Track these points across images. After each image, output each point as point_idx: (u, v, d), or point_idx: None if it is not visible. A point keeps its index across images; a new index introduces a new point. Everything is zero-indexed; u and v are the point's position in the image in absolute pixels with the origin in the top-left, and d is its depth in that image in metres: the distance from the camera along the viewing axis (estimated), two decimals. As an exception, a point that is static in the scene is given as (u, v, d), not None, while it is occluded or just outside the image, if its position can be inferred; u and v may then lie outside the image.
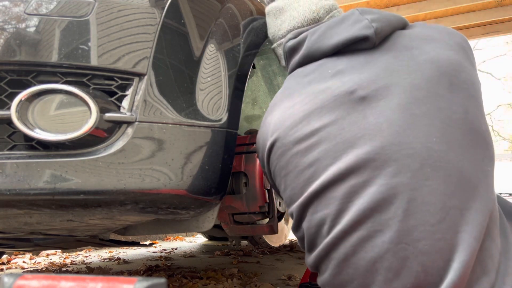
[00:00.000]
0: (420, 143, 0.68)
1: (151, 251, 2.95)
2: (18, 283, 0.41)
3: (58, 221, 0.91)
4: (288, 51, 0.91)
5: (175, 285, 1.61)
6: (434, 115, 0.70)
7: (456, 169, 0.67)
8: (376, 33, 0.78)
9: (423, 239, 0.65)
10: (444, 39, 0.79)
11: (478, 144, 0.70)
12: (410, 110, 0.70)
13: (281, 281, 1.78)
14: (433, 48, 0.76)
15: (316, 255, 0.76)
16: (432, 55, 0.75)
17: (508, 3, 4.12)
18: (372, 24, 0.78)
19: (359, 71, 0.76)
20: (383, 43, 0.80)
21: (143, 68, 0.82)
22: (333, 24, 0.83)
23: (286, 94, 0.85)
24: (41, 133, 0.76)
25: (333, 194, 0.71)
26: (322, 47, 0.83)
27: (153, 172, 0.81)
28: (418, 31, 0.81)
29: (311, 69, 0.84)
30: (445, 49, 0.77)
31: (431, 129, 0.69)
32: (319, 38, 0.84)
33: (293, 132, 0.77)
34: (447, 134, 0.69)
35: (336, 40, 0.81)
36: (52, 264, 2.34)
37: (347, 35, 0.79)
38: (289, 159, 0.77)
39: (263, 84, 1.68)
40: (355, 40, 0.79)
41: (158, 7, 0.86)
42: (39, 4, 0.80)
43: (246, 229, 1.18)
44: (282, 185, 0.82)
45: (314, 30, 0.86)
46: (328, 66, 0.81)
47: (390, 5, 4.07)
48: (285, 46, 0.92)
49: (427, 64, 0.74)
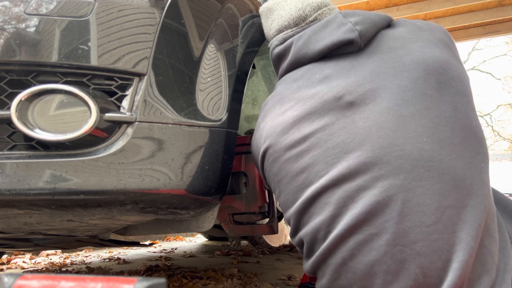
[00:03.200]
0: (410, 144, 0.68)
1: (151, 251, 2.95)
2: (18, 283, 0.41)
3: (58, 221, 0.91)
4: (275, 58, 0.92)
5: (175, 285, 1.61)
6: (423, 115, 0.70)
7: (449, 167, 0.67)
8: (360, 36, 0.78)
9: (419, 241, 0.65)
10: (427, 37, 0.79)
11: (470, 141, 0.70)
12: (399, 112, 0.70)
13: (281, 281, 1.78)
14: (418, 47, 0.76)
15: (314, 261, 0.75)
16: (418, 55, 0.75)
17: (508, 3, 4.11)
18: (356, 27, 0.78)
19: (346, 76, 0.76)
20: (368, 46, 0.80)
21: (143, 68, 0.82)
22: (317, 29, 0.83)
23: (277, 100, 0.85)
24: (41, 133, 0.76)
25: (327, 200, 0.71)
26: (308, 53, 0.83)
27: (153, 172, 0.81)
28: (402, 31, 0.81)
29: (299, 74, 0.84)
30: (430, 47, 0.76)
31: (421, 129, 0.69)
32: (305, 44, 0.84)
33: (284, 138, 0.78)
34: (438, 133, 0.69)
35: (321, 45, 0.81)
36: (52, 264, 2.34)
37: (332, 40, 0.80)
38: (281, 165, 0.78)
39: (263, 84, 1.68)
40: (340, 44, 0.79)
41: (158, 7, 0.86)
42: (39, 4, 0.80)
43: (246, 229, 1.18)
44: (276, 191, 0.82)
45: (299, 36, 0.86)
46: (315, 71, 0.81)
47: (390, 5, 4.07)
48: (272, 54, 0.92)
49: (413, 65, 0.74)
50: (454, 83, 0.73)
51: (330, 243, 0.71)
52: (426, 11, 3.98)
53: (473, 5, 4.14)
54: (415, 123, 0.69)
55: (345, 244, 0.69)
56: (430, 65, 0.73)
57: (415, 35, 0.79)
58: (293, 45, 0.86)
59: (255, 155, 0.89)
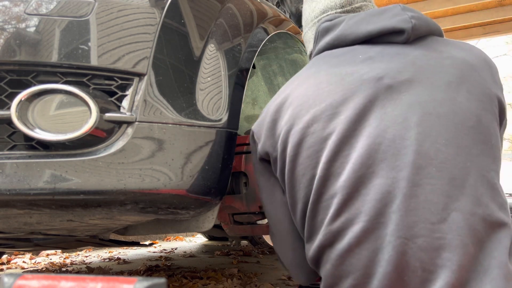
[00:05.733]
0: (430, 142, 0.70)
1: (151, 251, 2.95)
2: (18, 283, 0.41)
3: (58, 221, 0.91)
4: (321, 31, 0.92)
5: (175, 285, 1.61)
6: (448, 118, 0.71)
7: (461, 174, 0.68)
8: (413, 29, 0.80)
9: (422, 236, 0.66)
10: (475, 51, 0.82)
11: (488, 156, 0.72)
12: (426, 109, 0.72)
13: (281, 281, 1.78)
14: (461, 55, 0.79)
15: (319, 245, 0.76)
16: (458, 62, 0.77)
17: (508, 3, 4.12)
18: (412, 20, 0.80)
19: (389, 61, 0.78)
20: (416, 42, 0.82)
21: (143, 68, 0.82)
22: (373, 13, 0.85)
23: (313, 71, 0.85)
24: (41, 133, 0.76)
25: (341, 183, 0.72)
26: (356, 32, 0.84)
27: (153, 172, 0.81)
28: (454, 41, 0.84)
29: (341, 52, 0.85)
30: (472, 59, 0.79)
31: (443, 131, 0.70)
32: (356, 23, 0.85)
33: (314, 110, 0.78)
34: (457, 139, 0.70)
35: (372, 27, 0.82)
36: (52, 264, 2.34)
37: (385, 24, 0.81)
38: (306, 137, 0.77)
39: (263, 84, 1.68)
40: (391, 31, 0.81)
41: (158, 7, 0.86)
42: (39, 4, 0.80)
43: (246, 229, 1.18)
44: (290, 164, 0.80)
45: (353, 15, 0.87)
46: (359, 51, 0.83)
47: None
48: (319, 27, 0.93)
49: (450, 69, 0.76)
50: (484, 99, 0.75)
51: (340, 226, 0.72)
52: (426, 11, 3.98)
53: (473, 5, 4.14)
54: (438, 123, 0.71)
55: (352, 229, 0.70)
56: (465, 74, 0.75)
57: (462, 48, 0.82)
58: (344, 21, 0.87)
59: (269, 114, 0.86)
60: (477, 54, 0.82)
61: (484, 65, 0.80)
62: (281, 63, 1.61)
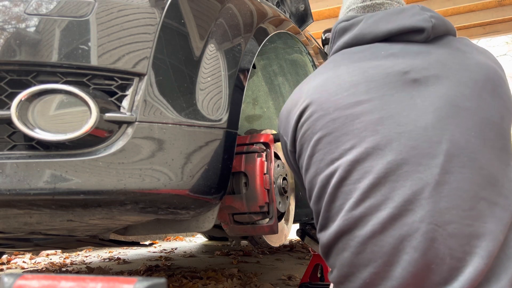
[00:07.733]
0: (459, 132, 0.72)
1: (151, 251, 2.95)
2: (18, 283, 0.41)
3: (58, 221, 0.91)
4: (339, 30, 0.93)
5: (175, 285, 1.62)
6: (475, 113, 0.74)
7: (487, 165, 0.71)
8: (433, 28, 0.81)
9: (453, 222, 0.67)
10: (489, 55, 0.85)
11: (507, 152, 0.75)
12: (455, 102, 0.74)
13: (281, 281, 1.78)
14: (483, 57, 0.82)
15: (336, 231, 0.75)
16: (482, 62, 0.80)
17: (508, 3, 4.12)
18: (431, 19, 0.82)
19: (412, 58, 0.80)
20: (435, 41, 0.83)
21: (143, 68, 0.82)
22: (392, 12, 0.86)
23: (331, 66, 0.86)
24: (41, 133, 0.76)
25: (368, 169, 0.72)
26: (375, 30, 0.85)
27: (153, 172, 0.81)
28: (469, 41, 0.87)
29: (362, 48, 0.86)
30: (490, 62, 0.82)
31: (471, 123, 0.73)
32: (375, 22, 0.86)
33: (336, 98, 0.78)
34: (483, 133, 0.73)
35: (392, 26, 0.83)
36: (52, 264, 2.34)
37: (404, 23, 0.82)
38: (327, 123, 0.78)
39: (263, 84, 1.68)
40: (412, 30, 0.82)
41: (158, 7, 0.86)
42: (39, 4, 0.80)
43: (246, 229, 1.18)
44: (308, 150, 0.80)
45: (372, 15, 0.88)
46: (381, 48, 0.84)
47: (390, 5, 4.06)
48: (336, 26, 0.94)
49: (476, 68, 0.78)
50: (506, 98, 0.79)
51: (363, 212, 0.71)
52: (426, 11, 3.97)
53: (473, 5, 4.15)
54: (467, 116, 0.73)
55: (377, 216, 0.70)
56: (490, 74, 0.79)
57: (480, 50, 0.85)
58: (362, 21, 0.88)
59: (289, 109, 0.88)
60: (492, 58, 0.85)
61: (501, 68, 0.84)
62: (281, 63, 1.61)
